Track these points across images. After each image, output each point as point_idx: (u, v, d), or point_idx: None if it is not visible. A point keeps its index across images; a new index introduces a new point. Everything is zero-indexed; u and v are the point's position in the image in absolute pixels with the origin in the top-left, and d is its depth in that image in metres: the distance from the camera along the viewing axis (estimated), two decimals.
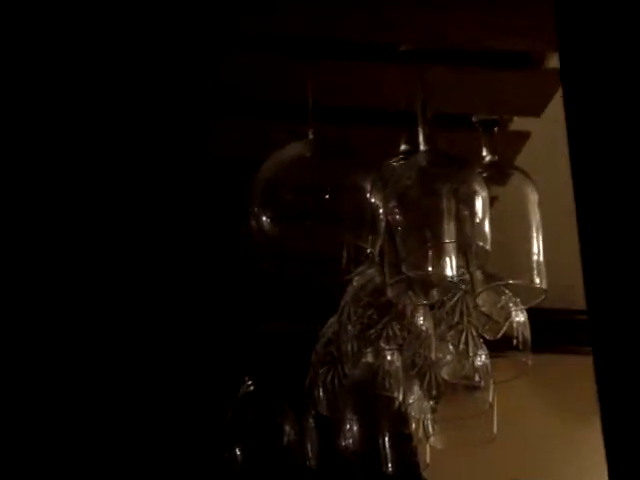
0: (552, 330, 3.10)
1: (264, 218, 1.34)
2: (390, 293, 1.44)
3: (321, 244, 1.43)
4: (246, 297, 2.16)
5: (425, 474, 2.33)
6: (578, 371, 3.22)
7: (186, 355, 2.27)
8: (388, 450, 1.74)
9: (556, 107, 1.43)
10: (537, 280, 1.39)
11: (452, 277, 1.38)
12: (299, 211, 1.38)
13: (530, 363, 1.50)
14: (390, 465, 1.75)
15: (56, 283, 2.11)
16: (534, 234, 1.42)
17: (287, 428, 1.90)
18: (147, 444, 2.28)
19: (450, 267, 1.38)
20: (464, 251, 1.38)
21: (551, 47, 1.52)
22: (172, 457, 2.26)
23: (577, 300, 2.88)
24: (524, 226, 1.43)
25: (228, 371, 2.05)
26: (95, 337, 2.24)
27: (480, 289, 1.42)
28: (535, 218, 1.44)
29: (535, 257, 1.41)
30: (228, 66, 1.60)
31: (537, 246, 1.42)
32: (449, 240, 1.35)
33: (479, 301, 1.47)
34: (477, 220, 1.35)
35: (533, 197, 1.45)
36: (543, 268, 1.41)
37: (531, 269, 1.40)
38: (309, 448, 1.85)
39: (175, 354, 2.27)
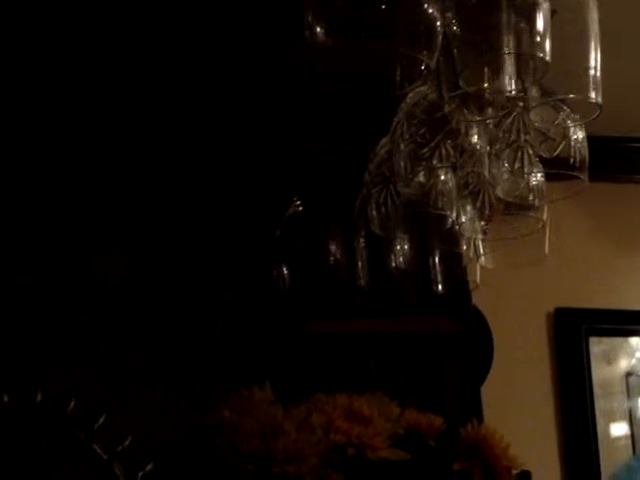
0: (605, 158, 3.07)
1: (318, 29, 1.31)
2: (448, 108, 1.42)
3: (375, 60, 1.40)
4: (298, 117, 2.15)
5: (474, 294, 2.36)
6: (632, 199, 3.23)
7: (236, 174, 2.28)
8: (438, 269, 1.76)
9: None
10: (592, 95, 1.36)
11: (508, 91, 1.36)
12: (354, 23, 1.35)
13: (587, 182, 1.49)
14: (440, 284, 1.77)
15: None
16: (592, 48, 1.39)
17: (334, 248, 1.92)
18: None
19: (507, 81, 1.36)
20: (521, 65, 1.36)
21: None
22: (220, 261, 2.28)
23: (634, 127, 2.82)
24: (582, 40, 1.40)
25: (277, 191, 2.06)
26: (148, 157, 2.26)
27: (534, 104, 1.40)
28: (594, 32, 1.40)
29: (592, 72, 1.37)
30: None
31: (595, 61, 1.38)
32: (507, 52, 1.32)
33: (533, 116, 1.45)
34: (537, 32, 1.31)
35: (593, 10, 1.41)
36: (600, 84, 1.38)
37: (587, 84, 1.37)
38: (359, 267, 1.86)
39: (225, 172, 2.27)
